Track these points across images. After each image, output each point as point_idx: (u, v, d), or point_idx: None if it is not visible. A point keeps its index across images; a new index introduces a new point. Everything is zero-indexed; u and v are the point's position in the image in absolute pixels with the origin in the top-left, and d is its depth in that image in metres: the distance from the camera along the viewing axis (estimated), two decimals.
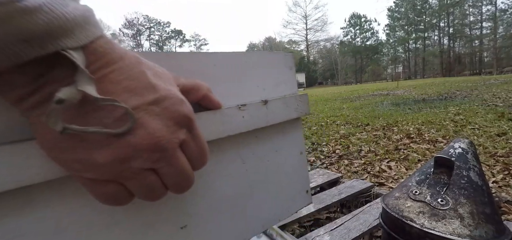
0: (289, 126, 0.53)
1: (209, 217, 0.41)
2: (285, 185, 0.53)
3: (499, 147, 2.55)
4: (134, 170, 0.24)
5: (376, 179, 2.14)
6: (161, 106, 0.25)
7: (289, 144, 0.54)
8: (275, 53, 0.52)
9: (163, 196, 0.29)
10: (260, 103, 0.44)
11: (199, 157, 0.29)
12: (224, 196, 0.43)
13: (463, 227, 0.72)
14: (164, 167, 0.26)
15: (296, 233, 1.58)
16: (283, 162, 0.53)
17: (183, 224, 0.38)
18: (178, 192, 0.30)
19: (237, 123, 0.41)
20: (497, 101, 5.65)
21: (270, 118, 0.46)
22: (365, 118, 4.94)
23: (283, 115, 0.49)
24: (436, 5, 47.53)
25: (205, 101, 0.35)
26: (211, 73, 0.40)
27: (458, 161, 0.84)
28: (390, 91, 12.27)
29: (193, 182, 0.30)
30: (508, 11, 38.22)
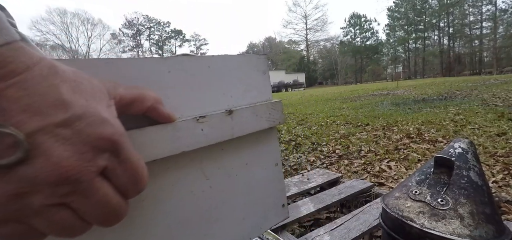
0: (262, 136, 0.48)
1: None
2: (257, 201, 0.48)
3: (499, 147, 2.56)
4: (36, 207, 0.20)
5: (376, 179, 2.14)
6: (73, 128, 0.20)
7: (262, 156, 0.49)
8: (245, 55, 0.46)
9: (86, 230, 0.24)
10: (224, 113, 0.39)
11: (130, 184, 0.25)
12: (184, 218, 0.38)
13: (463, 227, 0.72)
14: (79, 201, 0.21)
15: (296, 233, 1.58)
16: (254, 176, 0.47)
17: None
18: (104, 225, 0.24)
19: (194, 138, 0.36)
20: (497, 101, 5.65)
21: (236, 130, 0.41)
22: (365, 118, 4.94)
23: (252, 125, 0.43)
24: (436, 5, 47.54)
25: (153, 114, 0.31)
26: (165, 81, 0.35)
27: (458, 161, 0.84)
28: (390, 91, 12.28)
29: (125, 212, 0.25)
30: (508, 11, 38.23)
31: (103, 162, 0.22)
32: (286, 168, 2.62)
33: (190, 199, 0.38)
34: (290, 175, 2.39)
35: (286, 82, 35.16)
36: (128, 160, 0.24)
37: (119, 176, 0.24)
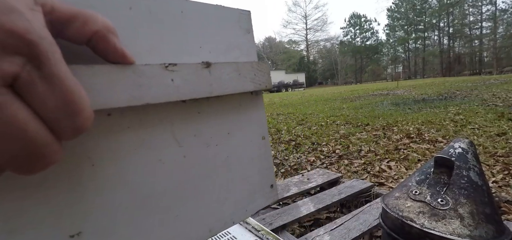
0: (246, 102, 0.42)
1: (122, 221, 0.29)
2: (241, 179, 0.42)
3: (499, 147, 2.56)
4: None
5: (376, 179, 2.14)
6: None
7: (247, 126, 0.42)
8: (226, 8, 0.40)
9: None
10: (200, 65, 0.33)
11: (60, 112, 0.17)
12: (150, 194, 0.31)
13: (463, 227, 0.72)
14: None
15: (296, 233, 1.58)
16: (238, 149, 0.41)
17: (75, 231, 0.26)
18: (21, 170, 0.17)
19: (162, 88, 0.29)
20: (497, 101, 5.66)
21: (215, 87, 0.34)
22: (365, 118, 4.94)
23: (234, 85, 0.37)
24: (436, 5, 47.56)
25: (101, 45, 0.23)
26: (124, 19, 0.28)
27: (458, 161, 0.84)
28: (390, 91, 12.28)
29: (54, 157, 0.18)
30: (508, 11, 38.24)
31: (10, 67, 0.15)
32: (286, 168, 2.62)
33: (158, 169, 0.32)
34: (290, 175, 2.39)
35: (286, 82, 35.15)
36: (56, 77, 0.17)
37: (41, 97, 0.17)
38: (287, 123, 5.27)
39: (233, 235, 1.06)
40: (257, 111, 0.44)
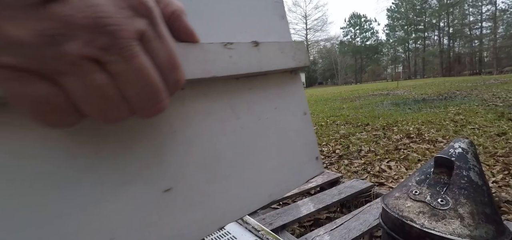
0: (287, 79, 0.47)
1: (201, 181, 0.34)
2: (291, 150, 0.46)
3: (499, 147, 2.56)
4: (72, 57, 0.17)
5: (376, 179, 2.14)
6: None
7: (290, 102, 0.47)
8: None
9: (123, 116, 0.21)
10: (250, 44, 0.37)
11: (168, 66, 0.22)
12: (218, 157, 0.36)
13: (463, 227, 0.72)
14: (117, 62, 0.19)
15: (296, 233, 1.58)
16: (285, 122, 0.45)
17: (167, 186, 0.31)
18: (142, 112, 0.22)
19: (223, 64, 0.34)
20: (497, 101, 5.66)
21: (264, 64, 0.39)
22: (365, 118, 4.94)
23: (279, 62, 0.42)
24: (436, 5, 47.56)
25: (176, 24, 0.26)
26: (188, 7, 0.32)
27: (458, 161, 0.84)
28: (390, 91, 12.28)
29: (164, 104, 0.23)
30: (508, 11, 38.24)
31: (141, 26, 0.20)
32: None
33: (222, 137, 0.37)
34: None
35: None
36: (164, 37, 0.22)
37: (157, 51, 0.21)
38: None
39: (233, 235, 1.06)
40: (297, 89, 0.48)
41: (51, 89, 0.18)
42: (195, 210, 0.34)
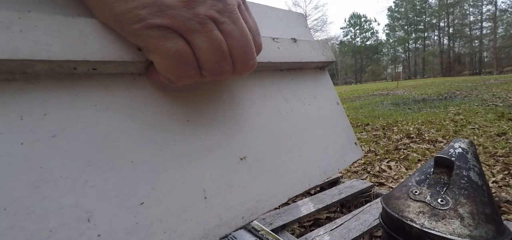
0: (319, 75, 0.56)
1: (268, 153, 0.41)
2: (333, 132, 0.53)
3: (499, 147, 2.56)
4: (200, 17, 0.25)
5: (376, 179, 2.14)
6: None
7: (324, 92, 0.55)
8: (291, 12, 0.57)
9: (228, 71, 0.29)
10: (291, 40, 0.47)
11: (255, 31, 0.31)
12: (279, 133, 0.43)
13: (463, 227, 0.72)
14: (228, 23, 0.26)
15: (296, 233, 1.58)
16: (324, 108, 0.53)
17: (242, 155, 0.38)
18: (243, 68, 0.30)
19: (274, 53, 0.43)
20: (497, 101, 5.65)
21: (302, 55, 0.48)
22: (365, 118, 4.94)
23: (312, 55, 0.51)
24: (436, 5, 47.53)
25: (242, 14, 0.32)
26: None
27: (458, 161, 0.84)
28: (390, 91, 12.28)
29: (256, 61, 0.32)
30: (508, 11, 38.22)
31: (208, 12, 0.26)
32: None
33: (278, 117, 0.44)
34: None
35: None
36: (250, 11, 0.31)
37: (247, 20, 0.30)
38: None
39: (233, 235, 1.06)
40: (327, 82, 0.58)
41: (184, 44, 0.26)
42: (267, 179, 0.39)
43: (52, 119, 0.26)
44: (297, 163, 0.44)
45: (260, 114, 0.42)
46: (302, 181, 0.44)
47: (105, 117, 0.28)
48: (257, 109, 0.42)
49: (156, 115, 0.32)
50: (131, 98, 0.31)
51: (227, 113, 0.38)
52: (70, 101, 0.27)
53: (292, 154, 0.44)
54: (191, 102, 0.35)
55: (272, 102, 0.45)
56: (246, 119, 0.40)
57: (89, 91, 0.28)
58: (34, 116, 0.25)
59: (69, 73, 0.27)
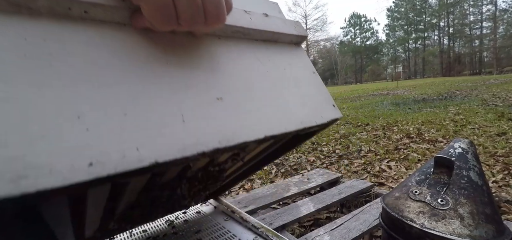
0: (293, 49, 0.63)
1: (243, 98, 0.46)
2: (310, 94, 0.58)
3: (499, 147, 2.55)
4: None
5: (376, 179, 2.14)
6: None
7: (299, 62, 0.61)
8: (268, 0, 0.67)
9: (201, 23, 0.36)
10: (262, 14, 0.56)
11: (212, 5, 0.37)
12: (253, 85, 0.49)
13: (463, 227, 0.72)
14: None
15: (296, 233, 1.58)
16: (300, 74, 0.59)
17: (219, 96, 0.44)
18: (214, 19, 0.37)
19: (246, 21, 0.51)
20: (497, 101, 5.65)
21: (273, 27, 0.56)
22: (365, 118, 4.94)
23: (284, 28, 0.58)
24: (436, 5, 47.52)
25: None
26: None
27: (458, 161, 0.84)
28: (390, 91, 12.27)
29: (225, 18, 0.39)
30: (508, 11, 38.21)
31: None
32: (286, 168, 2.62)
33: (255, 73, 0.51)
34: (290, 175, 2.39)
35: None
36: None
37: None
38: None
39: (233, 234, 1.06)
40: (303, 56, 0.64)
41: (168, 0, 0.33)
42: (243, 117, 0.44)
43: (51, 44, 0.32)
44: (274, 111, 0.49)
45: (237, 68, 0.48)
46: (279, 124, 0.48)
47: (96, 51, 0.34)
48: (234, 65, 0.48)
49: (140, 56, 0.38)
50: (118, 41, 0.37)
51: (205, 63, 0.45)
52: (66, 34, 0.33)
53: (269, 103, 0.49)
54: (172, 54, 0.42)
55: (248, 62, 0.51)
56: (224, 70, 0.46)
57: (82, 30, 0.35)
58: (35, 39, 0.31)
59: (65, 13, 0.34)
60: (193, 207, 1.32)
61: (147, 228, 1.14)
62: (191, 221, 1.19)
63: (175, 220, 1.20)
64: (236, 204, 1.58)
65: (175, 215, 1.25)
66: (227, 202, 1.28)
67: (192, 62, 0.43)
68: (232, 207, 1.23)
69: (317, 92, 0.60)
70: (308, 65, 0.63)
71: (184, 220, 1.20)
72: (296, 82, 0.57)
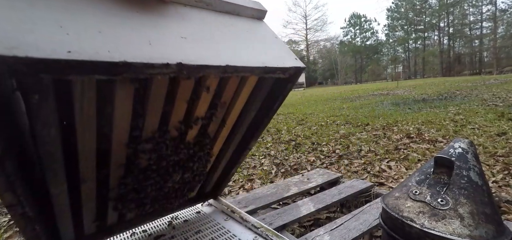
0: (257, 22, 0.76)
1: (209, 40, 0.58)
2: (272, 48, 0.69)
3: (499, 147, 2.55)
4: None
5: (376, 179, 2.14)
6: None
7: (262, 30, 0.73)
8: None
9: None
10: None
11: None
12: (219, 35, 0.60)
13: (463, 227, 0.72)
14: None
15: (296, 233, 1.58)
16: (261, 36, 0.69)
17: (183, 35, 0.55)
18: None
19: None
20: (497, 101, 5.65)
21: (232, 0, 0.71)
22: (365, 118, 4.94)
23: (242, 2, 0.71)
24: (436, 5, 47.51)
25: None
26: None
27: (458, 161, 0.84)
28: (390, 91, 12.27)
29: None
30: (508, 11, 38.19)
31: None
32: (286, 168, 2.62)
33: (219, 29, 0.63)
34: (290, 175, 2.39)
35: None
36: None
37: None
38: (287, 123, 5.26)
39: (233, 234, 1.06)
40: (265, 26, 0.76)
41: None
42: (205, 50, 0.54)
43: None
44: (236, 52, 0.59)
45: (201, 25, 0.58)
46: (240, 60, 0.58)
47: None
48: (198, 23, 0.58)
49: (116, 6, 0.50)
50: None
51: (171, 16, 0.55)
52: None
53: (231, 47, 0.59)
54: (143, 9, 0.53)
55: (212, 24, 0.61)
56: (189, 22, 0.56)
57: None
58: None
59: None
60: (193, 207, 1.32)
61: (147, 228, 1.14)
62: (191, 221, 1.19)
63: (175, 220, 1.20)
64: (236, 204, 1.58)
65: (175, 215, 1.25)
66: (227, 202, 1.28)
67: (160, 14, 0.54)
68: (232, 207, 1.23)
69: (279, 49, 0.71)
70: (271, 32, 0.75)
71: (184, 220, 1.20)
72: (258, 40, 0.67)
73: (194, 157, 0.92)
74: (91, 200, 0.78)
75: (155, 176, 0.85)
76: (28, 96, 0.46)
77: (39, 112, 0.49)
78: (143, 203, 0.91)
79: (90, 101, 0.54)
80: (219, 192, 1.31)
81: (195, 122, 0.81)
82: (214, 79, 0.69)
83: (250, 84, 0.80)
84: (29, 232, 0.65)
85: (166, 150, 0.81)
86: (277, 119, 5.89)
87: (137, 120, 0.69)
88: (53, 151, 0.57)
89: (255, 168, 2.67)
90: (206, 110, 0.81)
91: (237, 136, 0.99)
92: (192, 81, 0.67)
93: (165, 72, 0.48)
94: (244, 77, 0.76)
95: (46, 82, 0.45)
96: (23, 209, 0.59)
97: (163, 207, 1.01)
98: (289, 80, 0.78)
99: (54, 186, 0.65)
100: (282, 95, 0.84)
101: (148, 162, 0.80)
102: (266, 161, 2.86)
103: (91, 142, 0.64)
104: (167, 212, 1.13)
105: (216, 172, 1.14)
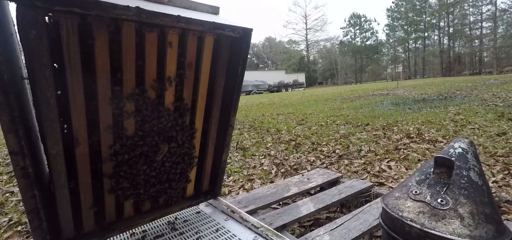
0: (209, 12, 1.05)
1: (167, 8, 0.84)
2: (223, 19, 0.93)
3: (499, 147, 2.56)
4: None
5: (376, 179, 2.14)
6: None
7: (214, 15, 1.03)
8: None
9: None
10: None
11: None
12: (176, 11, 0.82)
13: (463, 227, 0.72)
14: None
15: (296, 233, 1.58)
16: (214, 15, 0.99)
17: None
18: None
19: None
20: (497, 101, 5.66)
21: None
22: (365, 118, 4.94)
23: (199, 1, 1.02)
24: (436, 5, 47.52)
25: None
26: None
27: (458, 161, 0.84)
28: (390, 91, 12.28)
29: None
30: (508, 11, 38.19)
31: None
32: (286, 168, 2.62)
33: (177, 11, 0.82)
34: (290, 175, 2.39)
35: (286, 82, 34.89)
36: None
37: None
38: (287, 123, 5.26)
39: (233, 233, 1.06)
40: (217, 13, 1.10)
41: None
42: (164, 9, 0.78)
43: None
44: (191, 13, 0.83)
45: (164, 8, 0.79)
46: (193, 16, 0.81)
47: None
48: (161, 7, 0.79)
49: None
50: None
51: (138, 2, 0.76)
52: None
53: (187, 13, 0.81)
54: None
55: (173, 11, 0.80)
56: None
57: None
58: None
59: None
60: (193, 207, 1.32)
61: (147, 228, 1.14)
62: (191, 221, 1.19)
63: (175, 220, 1.20)
64: (236, 204, 1.58)
65: (175, 215, 1.25)
66: (227, 202, 1.28)
67: None
68: (232, 207, 1.23)
69: (229, 20, 0.91)
70: (224, 17, 0.97)
71: (184, 220, 1.20)
72: (211, 17, 0.90)
73: (176, 125, 0.99)
74: (86, 173, 0.85)
75: (142, 145, 0.93)
76: (27, 32, 0.61)
77: (36, 49, 0.63)
78: (137, 183, 0.93)
79: (74, 45, 0.69)
80: (218, 190, 1.31)
81: (168, 81, 0.91)
82: (173, 34, 0.83)
83: (209, 46, 0.95)
84: (29, 198, 0.72)
85: (147, 110, 0.90)
86: (277, 119, 5.90)
87: (116, 74, 0.81)
88: (48, 96, 0.69)
89: (255, 168, 2.67)
90: (175, 69, 0.91)
91: (215, 109, 1.10)
92: (155, 35, 0.80)
93: (128, 14, 0.68)
94: (202, 38, 0.91)
95: (40, 19, 0.62)
96: (24, 161, 0.68)
97: (159, 194, 1.03)
98: (242, 41, 0.97)
99: (51, 145, 0.73)
100: (241, 58, 1.01)
101: (134, 127, 0.89)
102: (266, 161, 2.86)
103: (80, 96, 0.75)
104: (167, 210, 1.13)
105: (207, 160, 1.16)
